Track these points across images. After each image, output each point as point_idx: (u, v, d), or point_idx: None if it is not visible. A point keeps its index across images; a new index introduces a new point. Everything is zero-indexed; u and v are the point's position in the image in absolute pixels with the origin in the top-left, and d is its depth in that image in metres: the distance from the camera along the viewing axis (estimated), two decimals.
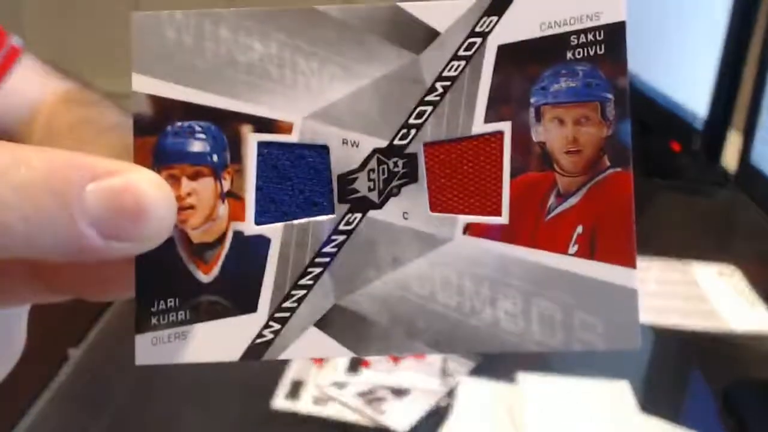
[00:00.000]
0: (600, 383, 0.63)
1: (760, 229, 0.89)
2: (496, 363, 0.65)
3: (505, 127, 0.16)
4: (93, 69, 1.12)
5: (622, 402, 0.61)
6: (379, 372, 0.63)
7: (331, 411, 0.59)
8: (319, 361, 0.65)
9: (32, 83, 0.64)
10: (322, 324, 0.16)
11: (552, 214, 0.16)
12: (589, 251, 0.16)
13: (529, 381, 0.63)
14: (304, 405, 0.60)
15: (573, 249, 0.16)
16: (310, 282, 0.16)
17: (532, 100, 0.16)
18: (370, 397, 0.60)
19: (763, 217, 0.72)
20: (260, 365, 0.65)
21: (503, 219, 0.16)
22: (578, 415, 0.60)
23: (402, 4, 0.16)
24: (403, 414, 0.59)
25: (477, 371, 0.64)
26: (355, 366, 0.64)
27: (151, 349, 0.16)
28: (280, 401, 0.60)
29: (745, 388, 0.64)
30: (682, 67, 0.98)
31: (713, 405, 0.63)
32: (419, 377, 0.63)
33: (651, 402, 0.61)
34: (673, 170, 1.07)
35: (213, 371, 0.64)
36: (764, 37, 0.73)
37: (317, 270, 0.16)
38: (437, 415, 0.59)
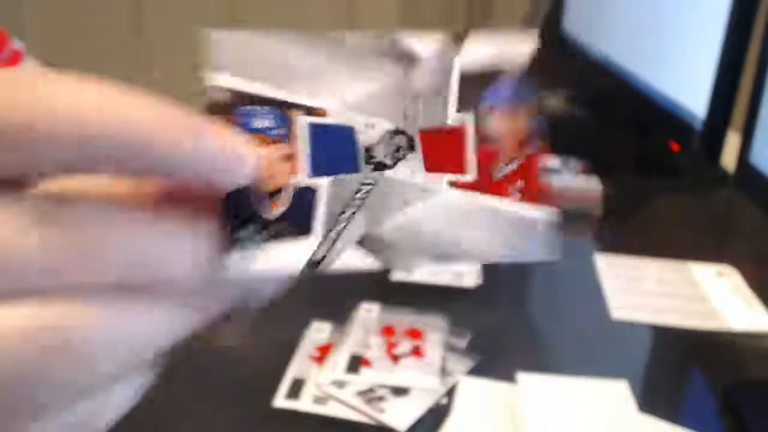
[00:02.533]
0: (599, 383, 0.63)
1: (760, 229, 0.89)
2: (496, 362, 0.66)
3: (470, 119, 0.24)
4: (93, 69, 1.12)
5: (621, 401, 0.61)
6: (379, 371, 0.63)
7: (331, 410, 0.60)
8: (320, 359, 0.65)
9: None
10: (359, 246, 0.24)
11: (500, 174, 0.25)
12: (525, 198, 0.25)
13: (528, 380, 0.63)
14: (305, 404, 0.60)
15: (516, 197, 0.25)
16: (348, 217, 0.24)
17: (485, 102, 0.24)
18: (370, 396, 0.61)
19: (762, 217, 0.72)
20: (260, 364, 0.65)
21: (471, 177, 0.24)
22: (577, 415, 0.60)
23: (397, 36, 0.24)
24: (402, 413, 0.59)
25: (476, 370, 0.65)
26: (354, 365, 0.64)
27: (238, 262, 0.22)
28: (280, 400, 0.61)
29: (745, 387, 0.64)
30: (681, 67, 0.98)
31: (712, 404, 0.64)
32: (419, 376, 0.63)
33: (650, 401, 0.62)
34: (672, 170, 1.08)
35: (214, 370, 0.65)
36: (764, 37, 0.73)
37: (352, 210, 0.24)
38: (437, 413, 0.60)
